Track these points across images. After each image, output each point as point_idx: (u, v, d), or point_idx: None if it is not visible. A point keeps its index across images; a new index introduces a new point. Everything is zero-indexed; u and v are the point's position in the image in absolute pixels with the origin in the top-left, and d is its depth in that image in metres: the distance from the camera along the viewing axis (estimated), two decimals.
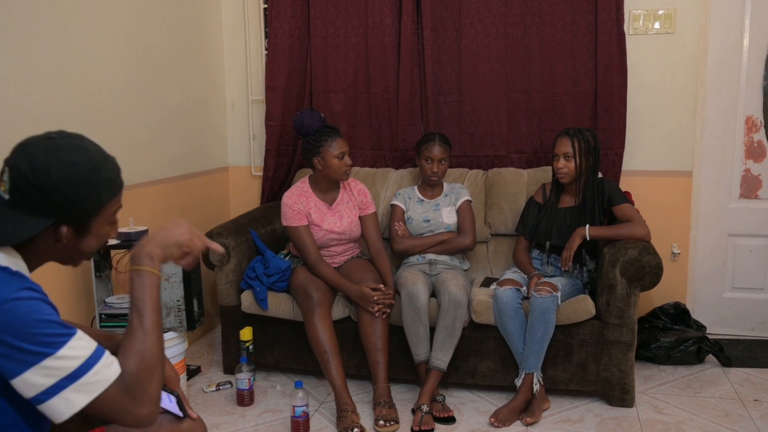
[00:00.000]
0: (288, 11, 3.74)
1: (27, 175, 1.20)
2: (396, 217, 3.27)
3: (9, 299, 1.12)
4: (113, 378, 1.19)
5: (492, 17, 3.54)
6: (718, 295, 3.70)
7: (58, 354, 1.13)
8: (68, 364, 1.14)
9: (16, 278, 1.17)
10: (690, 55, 3.49)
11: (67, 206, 1.23)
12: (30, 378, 1.12)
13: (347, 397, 2.77)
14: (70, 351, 1.14)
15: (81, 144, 1.27)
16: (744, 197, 3.61)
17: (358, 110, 3.80)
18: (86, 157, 1.25)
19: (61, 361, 1.13)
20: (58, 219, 1.24)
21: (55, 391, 1.13)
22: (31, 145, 1.23)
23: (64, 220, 1.24)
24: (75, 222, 1.26)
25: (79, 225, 1.27)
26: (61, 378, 1.13)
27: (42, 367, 1.12)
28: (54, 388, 1.13)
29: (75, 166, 1.22)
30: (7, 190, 1.22)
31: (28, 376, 1.12)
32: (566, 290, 2.87)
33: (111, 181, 1.30)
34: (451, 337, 2.82)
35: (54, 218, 1.23)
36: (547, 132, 3.57)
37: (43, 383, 1.13)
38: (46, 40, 2.56)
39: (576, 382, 2.90)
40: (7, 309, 1.11)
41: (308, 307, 2.89)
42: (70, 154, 1.23)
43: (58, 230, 1.25)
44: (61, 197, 1.21)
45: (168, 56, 3.42)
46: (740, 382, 3.11)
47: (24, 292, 1.14)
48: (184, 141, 3.60)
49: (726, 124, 3.56)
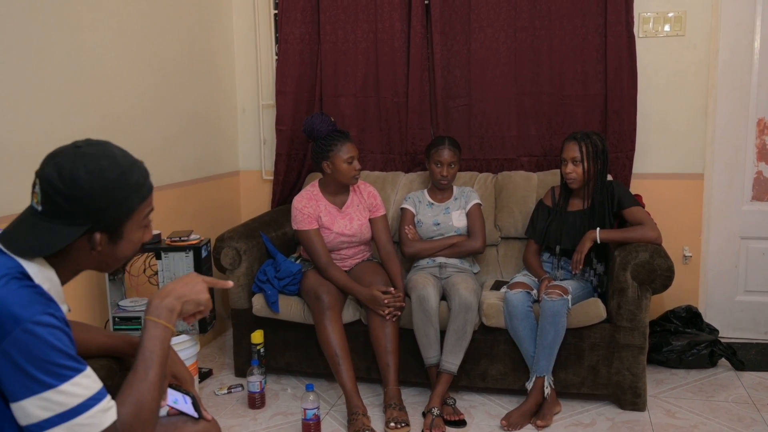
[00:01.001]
0: (298, 17, 3.77)
1: (56, 184, 1.22)
2: (406, 220, 3.28)
3: (30, 321, 1.12)
4: (106, 425, 1.18)
5: (501, 21, 3.55)
6: (731, 298, 3.67)
7: (60, 388, 1.13)
8: (68, 400, 1.14)
9: (43, 300, 1.17)
10: (700, 57, 3.48)
11: (98, 213, 1.24)
12: (28, 407, 1.12)
13: (358, 399, 2.78)
14: (73, 387, 1.14)
15: (108, 150, 1.29)
16: (756, 199, 3.59)
17: (367, 114, 3.81)
18: (113, 163, 1.27)
19: (62, 396, 1.13)
20: (92, 226, 1.25)
21: (47, 426, 1.13)
22: (59, 155, 1.25)
23: (97, 227, 1.26)
24: (108, 228, 1.28)
25: (113, 231, 1.29)
26: (57, 414, 1.13)
27: (42, 398, 1.12)
28: (47, 423, 1.13)
29: (103, 173, 1.24)
30: (39, 201, 1.24)
31: (26, 404, 1.12)
32: (577, 293, 2.87)
33: (140, 185, 1.31)
34: (461, 340, 2.82)
35: (87, 226, 1.24)
36: (556, 135, 3.56)
37: (39, 416, 1.12)
38: (61, 50, 2.59)
39: (587, 385, 2.90)
40: (25, 330, 1.11)
41: (319, 310, 2.90)
42: (98, 160, 1.25)
43: (93, 237, 1.26)
44: (92, 204, 1.23)
45: (180, 63, 3.45)
46: (753, 386, 3.09)
47: (45, 318, 1.14)
48: (196, 146, 3.63)
49: (737, 126, 3.54)
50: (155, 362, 1.29)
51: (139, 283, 2.92)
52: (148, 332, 1.32)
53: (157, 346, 1.30)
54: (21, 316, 1.11)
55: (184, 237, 2.83)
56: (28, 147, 2.42)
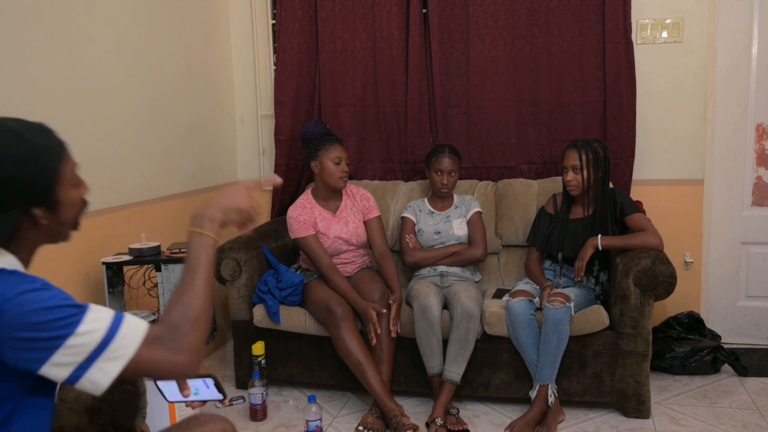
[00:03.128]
0: (296, 26, 3.77)
1: None
2: (406, 229, 3.27)
3: (12, 296, 1.11)
4: (141, 337, 1.18)
5: (499, 29, 3.55)
6: (733, 303, 3.67)
7: (78, 331, 1.13)
8: (91, 338, 1.14)
9: (15, 276, 1.17)
10: (698, 63, 3.49)
11: (25, 191, 1.20)
12: (59, 359, 1.12)
13: (392, 403, 2.75)
14: (88, 326, 1.14)
15: (3, 126, 1.23)
16: (756, 205, 3.59)
17: (366, 123, 3.81)
18: (15, 137, 1.21)
19: (82, 337, 1.13)
20: (25, 205, 1.21)
21: (87, 365, 1.14)
22: None
23: (31, 204, 1.22)
24: (42, 200, 1.23)
25: (48, 201, 1.24)
26: (90, 352, 1.13)
27: (66, 347, 1.12)
28: (86, 363, 1.14)
29: (10, 150, 1.19)
30: None
31: (55, 359, 1.12)
32: (579, 301, 2.86)
33: (51, 146, 1.26)
34: (464, 350, 2.81)
35: (20, 206, 1.21)
36: (556, 142, 3.57)
37: (73, 361, 1.13)
38: (58, 60, 2.58)
39: (591, 393, 2.88)
40: (13, 306, 1.11)
41: (333, 322, 2.88)
42: None
43: (32, 215, 1.23)
44: (15, 184, 1.18)
45: (178, 74, 3.45)
46: (757, 391, 3.08)
47: (25, 285, 1.14)
48: (195, 157, 3.62)
49: (736, 131, 3.54)
50: (201, 266, 1.29)
51: (138, 295, 2.91)
52: (192, 242, 1.32)
53: (201, 252, 1.30)
54: (5, 295, 1.11)
55: (183, 248, 2.82)
56: None
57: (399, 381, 3.02)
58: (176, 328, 1.22)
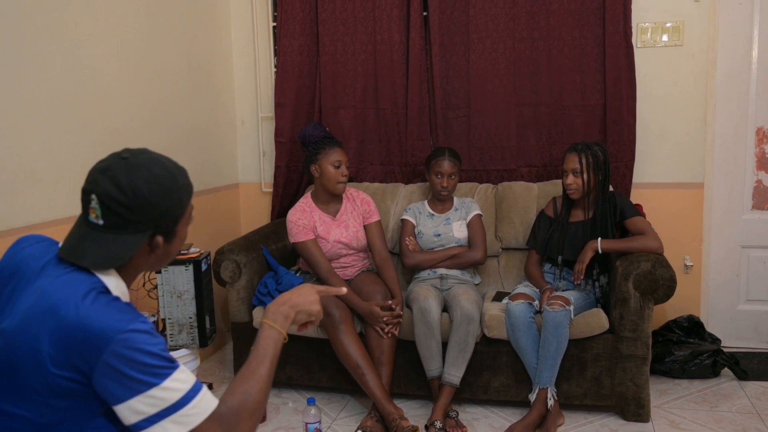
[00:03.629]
0: (297, 29, 3.77)
1: (117, 197, 1.26)
2: (406, 232, 3.27)
3: (126, 330, 1.18)
4: (209, 411, 1.25)
5: (500, 32, 3.55)
6: (733, 307, 3.66)
7: (163, 385, 1.19)
8: (171, 395, 1.20)
9: (131, 310, 1.24)
10: (699, 66, 3.49)
11: (159, 218, 1.31)
12: (135, 405, 1.18)
13: (391, 406, 2.75)
14: (173, 383, 1.21)
15: (154, 157, 1.35)
16: (756, 208, 3.59)
17: (367, 126, 3.81)
18: (164, 169, 1.33)
19: (165, 392, 1.19)
20: (153, 231, 1.32)
21: (155, 420, 1.20)
22: (111, 169, 1.28)
23: (158, 231, 1.32)
24: (166, 230, 1.35)
25: (169, 232, 1.36)
26: (163, 408, 1.20)
27: (148, 396, 1.18)
28: (155, 417, 1.19)
29: (159, 179, 1.30)
30: (99, 216, 1.28)
31: (133, 403, 1.18)
32: (579, 304, 2.86)
33: (187, 184, 1.38)
34: (463, 352, 2.81)
35: (150, 231, 1.31)
36: (556, 145, 3.57)
37: (147, 411, 1.19)
38: (59, 62, 2.59)
39: (590, 396, 2.88)
40: (123, 339, 1.17)
41: (332, 326, 2.88)
42: (150, 168, 1.30)
43: (154, 241, 1.33)
44: (154, 210, 1.29)
45: (179, 76, 3.45)
46: (757, 395, 3.08)
47: (139, 325, 1.20)
48: (195, 158, 3.62)
49: (736, 135, 3.54)
50: (267, 359, 1.37)
51: (138, 297, 2.90)
52: (264, 332, 1.41)
53: (270, 345, 1.39)
54: (117, 327, 1.17)
55: (184, 250, 2.82)
56: (28, 162, 2.41)
57: (398, 383, 3.01)
58: (236, 413, 1.29)
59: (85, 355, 1.17)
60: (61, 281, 1.25)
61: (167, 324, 2.78)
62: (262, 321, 1.43)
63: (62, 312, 1.19)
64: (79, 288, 1.22)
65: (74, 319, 1.18)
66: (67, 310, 1.19)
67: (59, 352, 1.18)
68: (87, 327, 1.17)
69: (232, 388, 1.33)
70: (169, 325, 2.78)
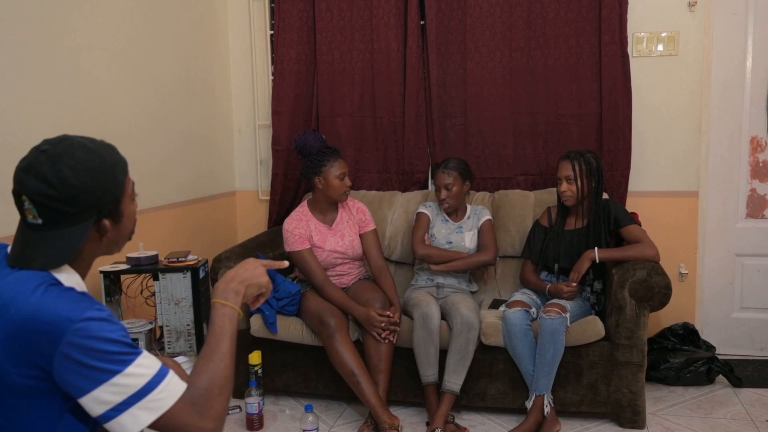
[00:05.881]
0: (294, 38, 3.79)
1: (47, 192, 1.22)
2: (422, 225, 3.24)
3: (81, 319, 1.15)
4: (179, 394, 1.23)
5: (496, 41, 3.58)
6: (727, 315, 3.68)
7: (126, 371, 1.17)
8: (136, 381, 1.18)
9: (85, 299, 1.22)
10: (694, 76, 3.52)
11: (97, 202, 1.27)
12: (100, 395, 1.16)
13: (386, 414, 2.75)
14: (137, 369, 1.19)
15: (75, 142, 1.30)
16: (751, 217, 3.62)
17: (364, 134, 3.83)
18: (88, 151, 1.28)
19: (129, 378, 1.17)
20: (97, 216, 1.29)
21: (123, 408, 1.17)
22: (33, 165, 1.24)
23: (101, 215, 1.29)
24: (110, 212, 1.31)
25: (114, 212, 1.32)
26: (129, 395, 1.17)
27: (111, 384, 1.16)
28: (123, 405, 1.17)
29: (85, 163, 1.26)
30: (36, 215, 1.24)
31: (97, 393, 1.16)
32: (575, 311, 2.87)
33: (117, 160, 1.34)
34: (463, 360, 2.82)
35: (93, 218, 1.28)
36: (552, 154, 3.59)
37: (113, 400, 1.17)
38: (57, 70, 2.60)
39: (586, 403, 2.89)
40: (79, 328, 1.15)
41: (327, 334, 2.89)
42: (74, 154, 1.26)
43: (101, 226, 1.30)
44: (90, 196, 1.25)
45: (177, 84, 3.47)
46: (751, 402, 3.09)
47: (93, 312, 1.18)
48: (193, 166, 3.63)
49: (731, 144, 3.57)
50: (226, 336, 1.36)
51: (136, 304, 2.90)
52: (217, 312, 1.39)
53: (227, 323, 1.37)
54: (71, 317, 1.15)
55: (181, 258, 2.82)
56: None
57: (395, 391, 3.02)
58: (206, 393, 1.27)
59: (41, 350, 1.15)
60: (9, 281, 1.22)
61: (165, 331, 2.78)
62: (214, 301, 1.41)
63: (12, 309, 1.16)
64: (27, 284, 1.20)
65: (25, 313, 1.15)
66: (17, 306, 1.16)
67: (15, 350, 1.16)
68: (39, 320, 1.14)
69: (197, 369, 1.30)
70: (166, 333, 2.78)
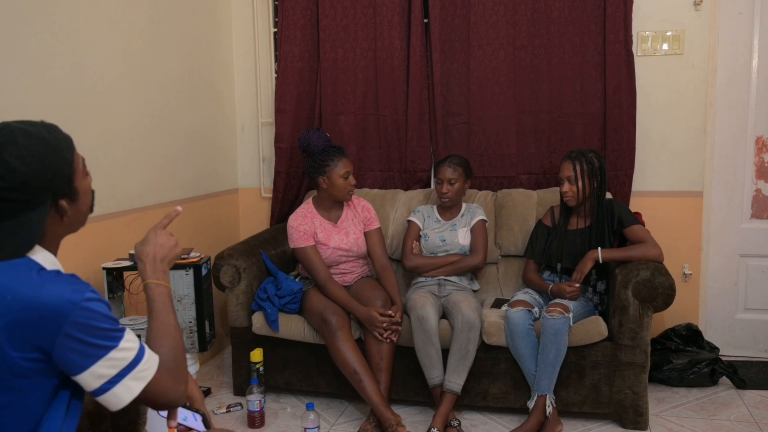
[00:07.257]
0: (298, 35, 3.78)
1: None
2: (411, 234, 3.27)
3: (82, 300, 1.21)
4: (158, 364, 1.33)
5: (500, 40, 3.57)
6: (731, 316, 3.67)
7: (120, 346, 1.26)
8: (127, 354, 1.27)
9: (77, 280, 1.26)
10: (699, 75, 3.50)
11: (50, 184, 1.27)
12: (98, 370, 1.24)
13: (389, 412, 2.74)
14: (127, 343, 1.28)
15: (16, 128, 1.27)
16: (755, 217, 3.60)
17: (367, 132, 3.82)
18: (30, 135, 1.27)
19: (122, 352, 1.26)
20: (53, 198, 1.29)
21: (117, 380, 1.26)
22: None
23: (57, 196, 1.30)
24: (65, 192, 1.31)
25: (69, 191, 1.33)
26: (123, 368, 1.26)
27: (108, 359, 1.24)
28: (117, 377, 1.26)
29: (29, 148, 1.25)
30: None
31: (96, 368, 1.24)
32: (578, 311, 2.86)
33: (61, 139, 1.32)
34: (464, 360, 2.81)
35: (48, 200, 1.28)
36: (556, 153, 3.57)
37: (108, 374, 1.25)
38: (61, 68, 2.59)
39: (589, 404, 2.88)
40: (83, 308, 1.21)
41: (329, 332, 2.88)
42: (16, 141, 1.24)
43: (59, 207, 1.31)
44: (41, 180, 1.25)
45: (180, 81, 3.46)
46: (755, 404, 3.08)
47: (89, 293, 1.24)
48: (196, 163, 3.63)
49: (736, 144, 3.56)
50: (169, 310, 1.44)
51: (138, 301, 2.90)
52: (154, 291, 1.45)
53: (167, 300, 1.45)
54: (73, 299, 1.20)
55: (184, 255, 2.82)
56: None
57: (397, 390, 3.01)
58: (175, 359, 1.38)
59: (44, 333, 1.19)
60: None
61: None
62: (148, 282, 1.47)
63: (8, 296, 1.19)
64: (15, 271, 1.23)
65: (24, 299, 1.19)
66: (13, 293, 1.20)
67: (16, 335, 1.19)
68: (41, 305, 1.19)
69: (157, 343, 1.38)
70: None
